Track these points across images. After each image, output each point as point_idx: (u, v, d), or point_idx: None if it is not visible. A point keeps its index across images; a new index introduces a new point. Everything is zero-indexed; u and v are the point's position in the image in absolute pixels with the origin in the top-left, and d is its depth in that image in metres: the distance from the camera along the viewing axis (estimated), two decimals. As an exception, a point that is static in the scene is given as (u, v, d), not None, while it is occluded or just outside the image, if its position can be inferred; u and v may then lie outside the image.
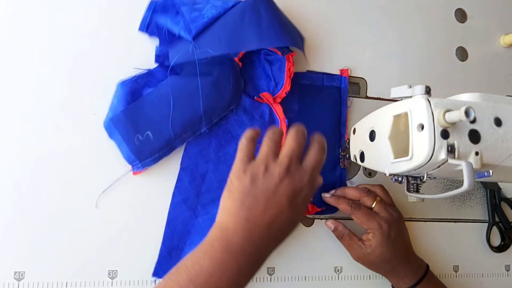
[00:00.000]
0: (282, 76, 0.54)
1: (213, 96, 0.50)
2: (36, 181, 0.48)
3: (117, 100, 0.49)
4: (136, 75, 0.51)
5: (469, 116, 0.35)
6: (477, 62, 0.67)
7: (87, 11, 0.52)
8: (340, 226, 0.54)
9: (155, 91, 0.50)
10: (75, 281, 0.47)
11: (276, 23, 0.51)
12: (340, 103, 0.58)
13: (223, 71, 0.51)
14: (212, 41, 0.49)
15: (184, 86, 0.50)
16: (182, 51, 0.49)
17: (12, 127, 0.48)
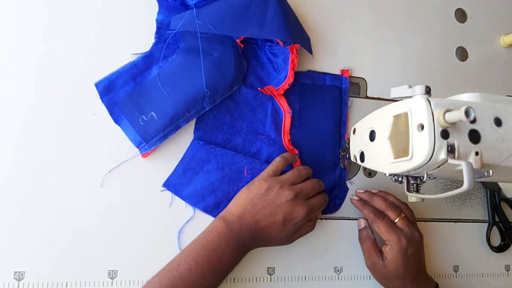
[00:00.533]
0: (286, 67, 0.54)
1: (215, 75, 0.51)
2: (36, 181, 0.48)
3: (119, 84, 0.50)
4: (134, 60, 0.51)
5: (469, 116, 0.35)
6: (477, 62, 0.67)
7: (88, 8, 0.52)
8: (368, 230, 0.54)
9: (159, 72, 0.51)
10: (75, 281, 0.47)
11: (281, 17, 0.51)
12: (341, 103, 0.58)
13: (224, 52, 0.51)
14: (215, 19, 0.49)
15: (186, 65, 0.51)
16: (184, 20, 0.49)
17: (13, 126, 0.48)
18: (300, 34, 0.55)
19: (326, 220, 0.56)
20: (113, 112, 0.50)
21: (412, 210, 0.55)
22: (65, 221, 0.48)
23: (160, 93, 0.50)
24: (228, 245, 0.45)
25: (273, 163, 0.51)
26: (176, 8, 0.53)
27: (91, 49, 0.51)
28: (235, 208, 0.48)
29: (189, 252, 0.44)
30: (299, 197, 0.48)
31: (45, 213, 0.47)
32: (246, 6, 0.51)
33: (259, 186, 0.48)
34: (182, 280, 0.42)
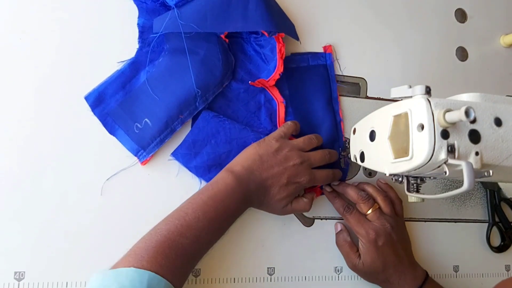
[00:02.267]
0: (274, 57, 0.54)
1: (203, 74, 0.50)
2: (36, 181, 0.48)
3: (109, 94, 0.50)
4: (121, 68, 0.51)
5: (469, 116, 0.35)
6: (477, 62, 0.67)
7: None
8: (344, 233, 0.54)
9: (147, 77, 0.50)
10: (75, 281, 0.47)
11: (263, 7, 0.51)
12: (329, 80, 0.58)
13: (210, 49, 0.51)
14: (197, 17, 0.49)
15: (174, 67, 0.50)
16: (166, 20, 0.49)
17: (13, 126, 0.48)
18: (284, 22, 0.55)
19: (326, 220, 0.56)
20: (107, 123, 0.50)
21: (393, 199, 0.55)
22: (65, 221, 0.48)
23: (151, 98, 0.50)
24: (234, 196, 0.46)
25: (285, 125, 0.52)
26: (156, 10, 0.52)
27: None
28: (243, 161, 0.48)
29: (196, 202, 0.44)
30: (305, 164, 0.49)
31: (45, 213, 0.47)
32: (227, 0, 0.50)
33: (270, 145, 0.49)
34: (190, 228, 0.42)
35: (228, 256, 0.51)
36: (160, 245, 0.40)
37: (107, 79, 0.50)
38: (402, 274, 0.51)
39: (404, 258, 0.52)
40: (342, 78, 0.60)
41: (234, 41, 0.54)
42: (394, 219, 0.53)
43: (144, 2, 0.52)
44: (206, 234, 0.43)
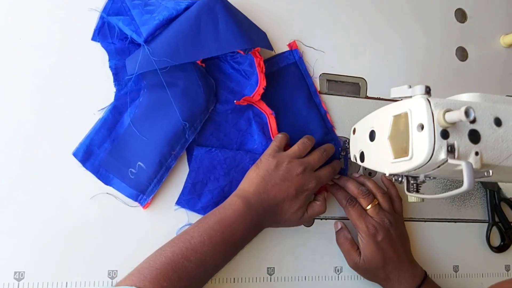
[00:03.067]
0: (254, 71, 0.53)
1: (187, 104, 0.49)
2: (36, 181, 0.48)
3: (97, 145, 0.49)
4: (103, 116, 0.50)
5: (469, 116, 0.35)
6: (477, 62, 0.67)
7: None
8: (345, 231, 0.54)
9: (131, 120, 0.49)
10: (75, 281, 0.47)
11: (234, 25, 0.50)
12: (303, 76, 0.57)
13: (189, 78, 0.50)
14: (169, 50, 0.47)
15: (156, 104, 0.49)
16: (139, 59, 0.47)
17: (13, 127, 0.48)
18: (256, 34, 0.54)
19: (326, 220, 0.56)
20: (100, 174, 0.49)
21: (393, 196, 0.55)
22: (65, 221, 0.48)
23: (140, 140, 0.49)
24: (242, 222, 0.45)
25: (276, 139, 0.52)
26: (125, 49, 0.51)
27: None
28: (248, 186, 0.48)
29: (203, 226, 0.44)
30: (308, 170, 0.50)
31: (45, 213, 0.47)
32: (196, 26, 0.49)
33: (268, 163, 0.49)
34: (195, 252, 0.42)
35: (228, 256, 0.51)
36: (164, 267, 0.40)
37: (91, 130, 0.49)
38: (401, 272, 0.51)
39: (403, 256, 0.52)
40: (342, 78, 0.60)
41: (211, 63, 0.53)
42: (393, 216, 0.53)
43: (112, 43, 0.51)
44: (211, 258, 0.43)
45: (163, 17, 0.48)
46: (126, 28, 0.49)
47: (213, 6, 0.50)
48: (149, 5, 0.50)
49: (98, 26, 0.51)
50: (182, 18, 0.49)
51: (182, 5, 0.49)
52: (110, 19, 0.50)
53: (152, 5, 0.50)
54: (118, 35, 0.50)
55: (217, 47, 0.49)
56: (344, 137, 0.58)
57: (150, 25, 0.48)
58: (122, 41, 0.51)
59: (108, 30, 0.51)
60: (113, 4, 0.51)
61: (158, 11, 0.49)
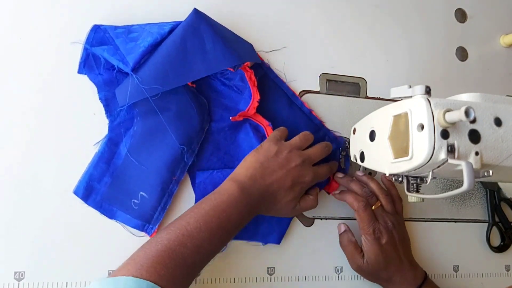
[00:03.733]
0: (246, 85, 0.52)
1: (182, 128, 0.49)
2: (36, 181, 0.48)
3: (96, 180, 0.48)
4: (99, 149, 0.49)
5: (469, 116, 0.35)
6: (477, 62, 0.67)
7: (87, 10, 0.52)
8: (349, 233, 0.54)
9: (128, 150, 0.48)
10: (75, 281, 0.47)
11: (220, 43, 0.49)
12: (275, 84, 0.56)
13: (181, 100, 0.49)
14: (158, 76, 0.46)
15: (151, 131, 0.49)
16: (129, 89, 0.46)
17: (13, 127, 0.48)
18: (243, 48, 0.53)
19: (326, 220, 0.56)
20: (104, 209, 0.48)
21: (394, 198, 0.55)
22: (65, 221, 0.48)
23: (139, 170, 0.48)
24: (237, 206, 0.45)
25: (278, 129, 0.52)
26: (113, 79, 0.50)
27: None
28: (245, 170, 0.48)
29: (198, 211, 0.44)
30: (306, 163, 0.50)
31: (45, 213, 0.47)
32: (183, 48, 0.47)
33: (269, 149, 0.49)
34: (191, 238, 0.42)
35: (228, 256, 0.51)
36: (160, 255, 0.40)
37: (89, 165, 0.48)
38: (403, 273, 0.51)
39: (404, 257, 0.52)
40: (342, 78, 0.60)
41: (201, 82, 0.52)
42: (395, 217, 0.53)
43: (99, 74, 0.49)
44: (208, 244, 0.43)
45: (148, 43, 0.47)
46: (112, 58, 0.47)
47: (197, 26, 0.49)
48: (132, 31, 0.49)
49: (82, 58, 0.49)
50: (168, 42, 0.48)
51: (166, 29, 0.48)
52: (95, 50, 0.49)
53: (135, 31, 0.49)
54: (104, 66, 0.49)
55: (206, 68, 0.48)
56: (344, 137, 0.58)
57: (136, 53, 0.46)
58: (109, 70, 0.49)
59: (93, 61, 0.49)
60: (96, 34, 0.49)
61: (142, 37, 0.48)
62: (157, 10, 0.53)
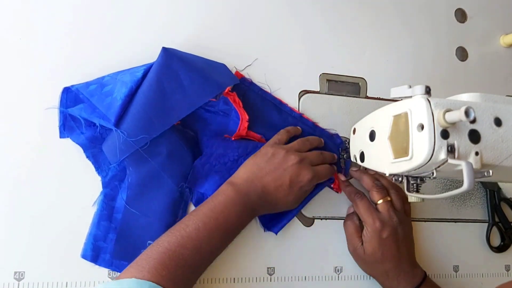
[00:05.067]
0: (232, 107, 0.52)
1: (176, 168, 0.49)
2: (36, 181, 0.48)
3: (101, 239, 0.47)
4: (98, 208, 0.48)
5: (469, 116, 0.35)
6: (477, 62, 0.67)
7: (88, 10, 0.52)
8: (354, 216, 0.54)
9: (126, 203, 0.48)
10: (75, 281, 0.47)
11: (197, 75, 0.48)
12: (261, 96, 0.55)
13: (169, 141, 0.49)
14: (143, 125, 0.45)
15: (146, 179, 0.48)
16: (117, 145, 0.45)
17: (12, 127, 0.48)
18: (219, 74, 0.51)
19: (326, 220, 0.56)
20: (115, 266, 0.47)
21: (404, 197, 0.54)
22: (65, 221, 0.48)
23: (142, 219, 0.48)
24: (234, 207, 0.46)
25: (278, 134, 0.53)
26: (97, 136, 0.48)
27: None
28: (242, 173, 0.49)
29: (197, 213, 0.45)
30: (305, 162, 0.50)
31: (45, 213, 0.47)
32: (161, 91, 0.46)
33: (266, 152, 0.50)
34: (190, 239, 0.43)
35: (228, 256, 0.51)
36: (161, 256, 0.41)
37: (91, 226, 0.48)
38: (401, 271, 0.51)
39: (405, 256, 0.52)
40: (342, 78, 0.60)
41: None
42: (403, 216, 0.53)
43: (81, 133, 0.48)
44: (207, 244, 0.44)
45: (124, 95, 0.45)
46: (92, 116, 0.46)
47: (170, 64, 0.48)
48: (105, 85, 0.47)
49: (61, 122, 0.48)
50: (144, 88, 0.46)
51: (139, 74, 0.47)
52: (71, 112, 0.47)
53: (108, 84, 0.47)
54: (85, 124, 0.48)
55: (188, 105, 0.47)
56: (344, 137, 0.58)
57: (114, 108, 0.45)
58: (91, 127, 0.48)
59: (72, 121, 0.48)
60: (68, 95, 0.48)
61: (117, 89, 0.46)
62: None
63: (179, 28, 0.55)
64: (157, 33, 0.53)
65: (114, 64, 0.50)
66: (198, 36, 0.55)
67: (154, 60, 0.48)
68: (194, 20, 0.56)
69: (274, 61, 0.58)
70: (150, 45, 0.51)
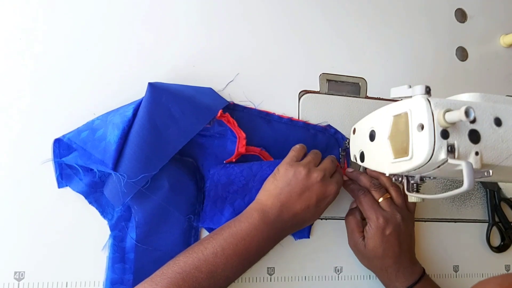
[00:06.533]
0: (226, 127, 0.51)
1: (181, 200, 0.49)
2: (36, 181, 0.48)
3: (118, 281, 0.47)
4: (109, 253, 0.48)
5: (469, 116, 0.35)
6: (477, 62, 0.67)
7: (87, 11, 0.52)
8: (356, 211, 0.54)
9: (136, 241, 0.47)
10: (75, 281, 0.47)
11: (188, 106, 0.48)
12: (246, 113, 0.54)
13: (170, 174, 0.48)
14: (142, 164, 0.45)
15: (153, 215, 0.48)
16: (119, 189, 0.44)
17: (12, 127, 0.48)
18: (209, 99, 0.51)
19: (326, 220, 0.56)
20: None
21: (402, 193, 0.54)
22: (65, 221, 0.48)
23: (155, 254, 0.48)
24: (257, 235, 0.45)
25: (294, 149, 0.51)
26: (96, 181, 0.48)
27: (92, 52, 0.51)
28: (266, 199, 0.47)
29: (217, 237, 0.44)
30: (326, 177, 0.49)
31: (45, 213, 0.47)
32: (154, 127, 0.46)
33: (286, 173, 0.48)
34: (206, 262, 0.42)
35: (228, 256, 0.51)
36: (175, 276, 0.41)
37: (106, 272, 0.48)
38: (400, 267, 0.51)
39: (406, 253, 0.52)
40: (342, 78, 0.60)
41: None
42: (406, 212, 0.53)
43: (80, 180, 0.48)
44: (223, 270, 0.43)
45: (117, 137, 0.45)
46: (88, 163, 0.46)
47: (159, 99, 0.47)
48: (96, 129, 0.47)
49: (57, 173, 0.47)
50: (137, 127, 0.45)
51: (129, 114, 0.46)
52: (67, 161, 0.47)
53: (99, 128, 0.47)
54: (82, 170, 0.47)
55: (184, 136, 0.47)
56: (346, 136, 0.58)
57: (110, 152, 0.44)
58: (89, 172, 0.48)
59: (69, 170, 0.48)
60: (60, 144, 0.48)
61: (110, 132, 0.45)
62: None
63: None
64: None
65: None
66: (198, 36, 0.55)
67: (141, 94, 0.48)
68: (190, 20, 0.56)
69: (274, 61, 0.58)
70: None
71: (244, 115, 0.54)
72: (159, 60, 0.53)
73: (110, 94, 0.51)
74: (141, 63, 0.52)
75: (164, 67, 0.53)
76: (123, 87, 0.51)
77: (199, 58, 0.55)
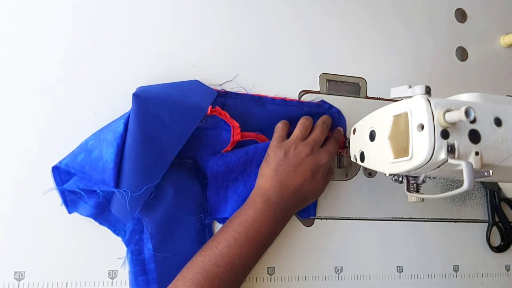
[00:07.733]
0: (219, 118, 0.50)
1: (189, 203, 0.50)
2: (36, 180, 0.48)
3: None
4: (130, 270, 0.48)
5: (469, 116, 0.35)
6: (477, 62, 0.67)
7: (87, 11, 0.52)
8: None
9: (155, 252, 0.48)
10: (75, 281, 0.47)
11: (177, 108, 0.48)
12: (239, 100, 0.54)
13: (173, 178, 0.48)
14: (142, 176, 0.45)
15: (164, 223, 0.48)
16: (126, 205, 0.44)
17: (12, 127, 0.48)
18: (196, 96, 0.50)
19: (326, 220, 0.56)
20: None
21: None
22: (65, 221, 0.48)
23: (174, 259, 0.48)
24: (265, 219, 0.46)
25: (277, 130, 0.53)
26: (102, 202, 0.48)
27: (92, 52, 0.51)
28: (264, 183, 0.49)
29: (227, 230, 0.46)
30: (315, 148, 0.51)
31: (45, 213, 0.47)
32: (147, 137, 0.46)
33: (276, 155, 0.49)
34: (222, 256, 0.43)
35: (228, 256, 0.51)
36: (196, 276, 0.42)
37: (130, 287, 0.48)
38: None
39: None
40: (342, 78, 0.60)
41: None
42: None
43: (85, 203, 0.48)
44: (239, 260, 0.44)
45: (113, 155, 0.44)
46: (89, 185, 0.45)
47: (146, 108, 0.47)
48: (91, 150, 0.46)
49: (63, 200, 0.48)
50: (130, 141, 0.45)
51: (120, 129, 0.46)
52: (68, 187, 0.47)
53: (94, 148, 0.46)
54: (86, 194, 0.47)
55: (179, 140, 0.47)
56: (344, 137, 0.58)
57: (109, 171, 0.44)
58: (93, 194, 0.48)
59: (73, 195, 0.48)
60: (59, 170, 0.48)
61: (105, 151, 0.45)
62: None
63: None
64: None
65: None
66: (198, 36, 0.55)
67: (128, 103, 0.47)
68: (190, 19, 0.56)
69: (274, 61, 0.58)
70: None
71: (237, 101, 0.54)
72: (159, 60, 0.53)
73: (110, 94, 0.51)
74: (141, 63, 0.53)
75: (164, 67, 0.53)
76: (123, 87, 0.51)
77: (199, 58, 0.55)
